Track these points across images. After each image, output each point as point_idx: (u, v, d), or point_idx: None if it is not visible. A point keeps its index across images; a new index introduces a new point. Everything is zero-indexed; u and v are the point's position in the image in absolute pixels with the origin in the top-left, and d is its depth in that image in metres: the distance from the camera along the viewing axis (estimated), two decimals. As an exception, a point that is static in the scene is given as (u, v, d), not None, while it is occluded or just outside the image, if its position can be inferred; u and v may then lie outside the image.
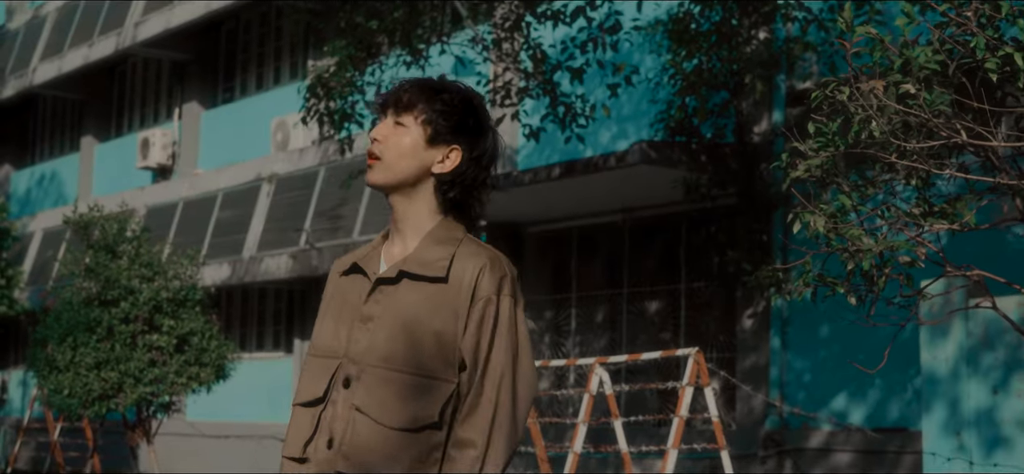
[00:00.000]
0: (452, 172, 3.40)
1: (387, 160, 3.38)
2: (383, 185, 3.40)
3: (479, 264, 3.30)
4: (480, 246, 3.38)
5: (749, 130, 16.35)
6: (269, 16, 25.56)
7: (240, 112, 25.79)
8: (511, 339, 3.28)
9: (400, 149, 3.37)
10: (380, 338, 3.32)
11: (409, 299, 3.32)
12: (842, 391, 15.61)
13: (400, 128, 3.39)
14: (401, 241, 3.43)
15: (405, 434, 3.24)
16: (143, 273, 16.66)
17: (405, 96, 3.41)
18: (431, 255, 3.33)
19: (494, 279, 3.29)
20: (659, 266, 18.17)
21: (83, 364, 16.00)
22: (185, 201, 25.52)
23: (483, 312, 3.27)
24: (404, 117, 3.39)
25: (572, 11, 14.24)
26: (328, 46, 14.22)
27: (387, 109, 3.43)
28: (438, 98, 3.40)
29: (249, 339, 24.57)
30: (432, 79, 3.51)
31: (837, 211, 4.89)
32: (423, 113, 3.38)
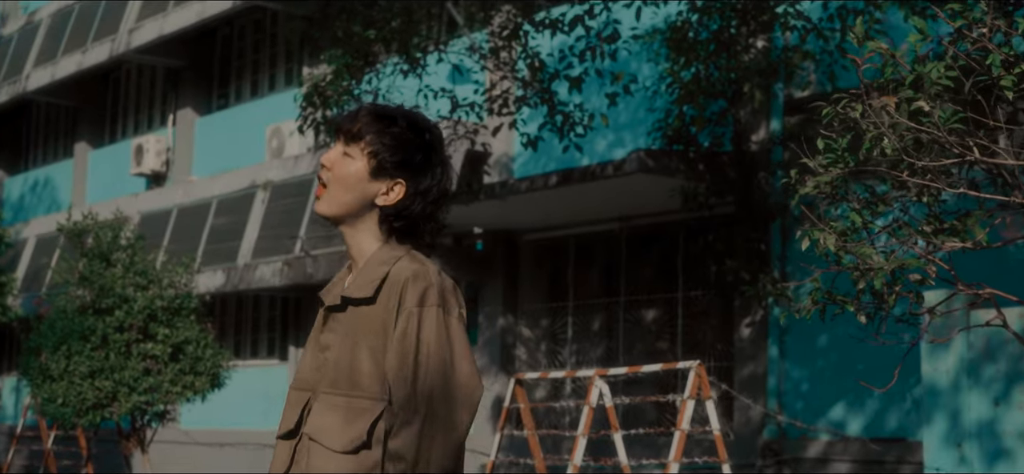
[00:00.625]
0: (396, 205, 3.38)
1: (333, 191, 3.38)
2: (327, 215, 3.40)
3: (403, 278, 3.27)
4: (413, 261, 3.33)
5: (747, 139, 16.30)
6: (264, 22, 25.47)
7: (235, 119, 25.70)
8: (439, 348, 3.23)
9: (345, 180, 3.37)
10: (330, 365, 3.34)
11: (351, 324, 3.33)
12: (840, 401, 15.55)
13: (347, 158, 3.38)
14: (355, 268, 3.43)
15: (347, 457, 3.24)
16: (138, 281, 16.57)
17: (355, 126, 3.39)
18: (367, 277, 3.33)
19: (416, 291, 3.25)
20: (656, 275, 18.11)
21: (77, 373, 15.91)
22: (179, 208, 25.42)
23: (405, 326, 3.24)
24: (351, 147, 3.38)
25: (570, 19, 14.17)
26: (325, 55, 14.13)
27: (339, 135, 3.41)
28: (388, 131, 3.37)
29: (244, 346, 24.47)
30: (388, 107, 3.47)
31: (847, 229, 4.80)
32: (370, 145, 3.36)
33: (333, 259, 20.80)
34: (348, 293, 3.34)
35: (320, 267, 21.05)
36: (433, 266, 3.36)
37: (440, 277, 3.34)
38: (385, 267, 3.32)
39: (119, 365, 16.02)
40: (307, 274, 21.30)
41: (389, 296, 3.28)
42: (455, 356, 3.28)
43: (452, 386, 3.25)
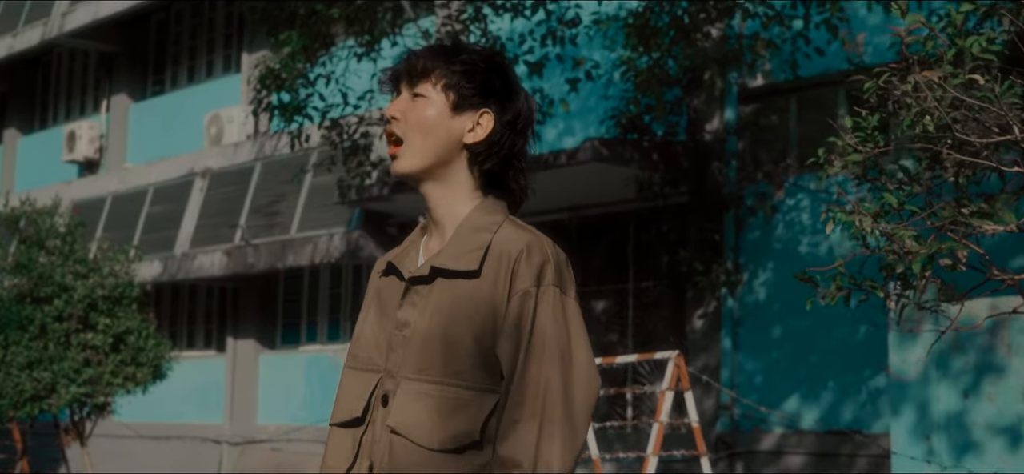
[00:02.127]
0: (486, 140, 2.97)
1: (412, 141, 2.95)
2: (411, 171, 2.97)
3: (515, 251, 2.86)
4: (520, 229, 2.93)
5: (701, 128, 16.14)
6: (201, 7, 24.98)
7: (171, 105, 25.19)
8: (558, 335, 2.82)
9: (424, 124, 2.94)
10: (415, 346, 2.90)
11: (444, 299, 2.89)
12: (795, 392, 15.43)
13: (420, 100, 2.97)
14: (439, 232, 3.01)
15: (446, 456, 2.83)
16: (77, 269, 16.12)
17: (420, 63, 2.98)
18: (465, 245, 2.91)
19: (532, 267, 2.85)
20: (606, 265, 17.90)
21: (14, 363, 15.45)
22: (114, 196, 24.88)
23: (521, 308, 2.83)
24: (422, 86, 2.97)
25: (532, 2, 13.91)
26: (283, 35, 13.75)
27: (399, 82, 3.01)
28: (457, 59, 2.99)
29: (180, 337, 24.00)
30: (444, 43, 3.11)
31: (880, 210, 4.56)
32: (442, 77, 2.96)
33: (275, 248, 20.40)
34: (441, 263, 2.92)
35: (261, 256, 20.64)
36: (544, 236, 2.98)
37: (555, 250, 2.96)
38: (486, 234, 2.92)
39: (58, 356, 15.58)
40: (248, 264, 20.89)
41: (498, 270, 2.87)
42: (573, 345, 2.89)
43: (571, 380, 2.85)
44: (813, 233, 15.44)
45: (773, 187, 15.75)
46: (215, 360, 23.07)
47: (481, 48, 3.06)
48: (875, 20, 14.81)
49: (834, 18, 13.09)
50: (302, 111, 14.34)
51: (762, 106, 16.28)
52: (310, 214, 20.26)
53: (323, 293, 21.54)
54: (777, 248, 15.76)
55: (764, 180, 15.79)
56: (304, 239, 20.04)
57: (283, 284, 22.31)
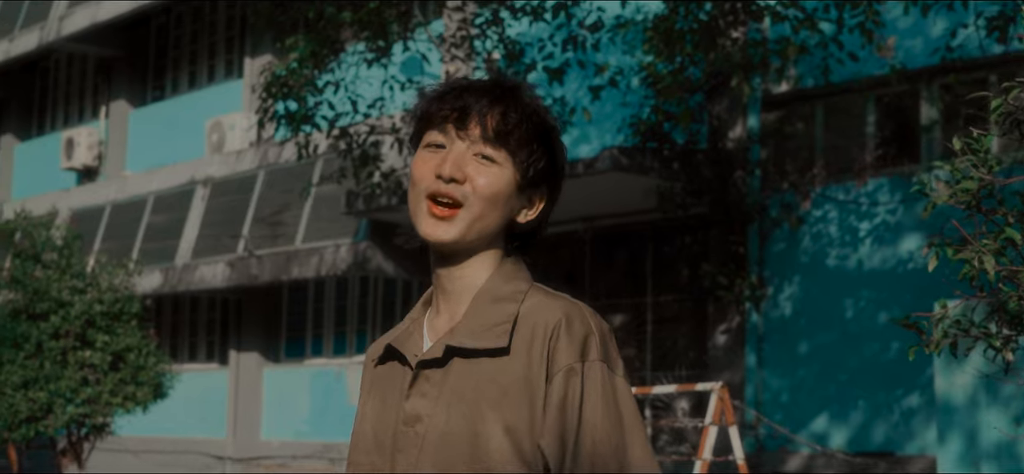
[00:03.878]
0: (535, 221, 2.51)
1: (473, 211, 2.40)
2: (457, 241, 2.42)
3: (552, 322, 2.38)
4: (552, 297, 2.44)
5: (723, 136, 15.54)
6: (203, 11, 24.36)
7: (172, 111, 24.57)
8: (610, 431, 2.34)
9: (495, 197, 2.41)
10: (431, 445, 2.38)
11: (464, 386, 2.39)
12: (823, 412, 14.82)
13: (490, 167, 2.41)
14: (449, 306, 2.48)
15: None
16: (74, 284, 15.46)
17: (500, 120, 2.41)
18: (487, 318, 2.41)
19: (574, 340, 2.37)
20: (624, 278, 17.28)
21: (9, 383, 14.79)
22: (113, 205, 24.26)
23: (565, 390, 2.34)
24: (494, 149, 2.42)
25: (553, 6, 13.27)
26: (291, 40, 13.11)
27: (464, 125, 2.41)
28: (535, 128, 2.45)
29: (181, 350, 23.39)
30: (517, 87, 2.49)
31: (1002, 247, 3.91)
32: (522, 149, 2.43)
33: (279, 259, 19.78)
34: (458, 340, 2.39)
35: (265, 268, 20.02)
36: (583, 304, 2.46)
37: (598, 320, 2.45)
38: (510, 304, 2.41)
39: (55, 374, 14.93)
40: (251, 275, 20.27)
41: (531, 345, 2.37)
42: (628, 440, 2.36)
43: (628, 470, 2.35)
44: (842, 245, 14.83)
45: (799, 197, 15.15)
46: (217, 374, 22.46)
47: (544, 108, 2.52)
48: (906, 23, 14.21)
49: (869, 22, 12.48)
50: (310, 120, 13.71)
51: (787, 113, 15.68)
52: (315, 224, 19.64)
53: (329, 305, 20.93)
54: (804, 261, 15.16)
55: (789, 190, 15.20)
56: (309, 250, 19.43)
57: (287, 296, 21.72)
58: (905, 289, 14.04)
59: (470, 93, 2.43)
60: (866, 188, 14.70)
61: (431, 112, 2.43)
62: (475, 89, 2.44)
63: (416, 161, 2.43)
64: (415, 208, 2.41)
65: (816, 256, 15.07)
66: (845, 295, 14.73)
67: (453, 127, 2.41)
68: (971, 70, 13.65)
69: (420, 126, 2.46)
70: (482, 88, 2.44)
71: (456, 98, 2.42)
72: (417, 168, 2.42)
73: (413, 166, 2.43)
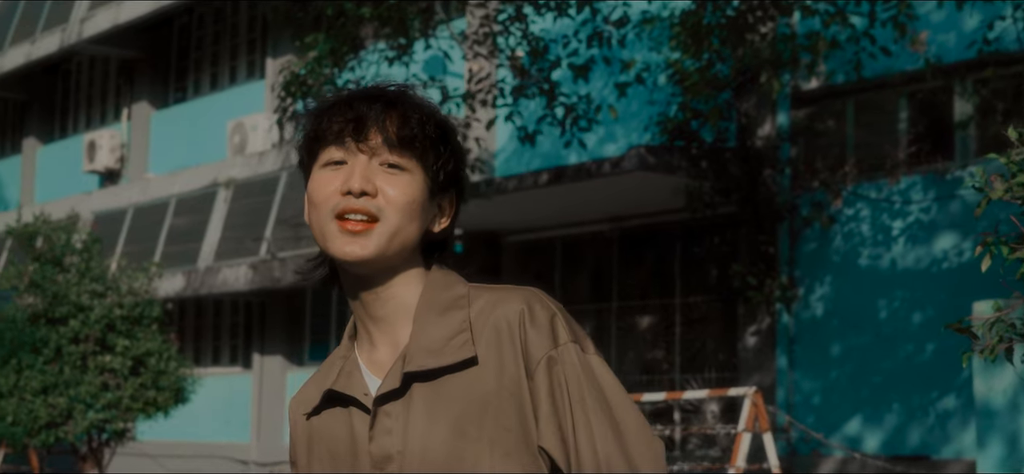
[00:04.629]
0: (448, 228, 2.29)
1: (390, 224, 2.16)
2: (378, 258, 2.17)
3: (513, 315, 2.17)
4: (499, 290, 2.23)
5: (752, 134, 15.23)
6: (224, 11, 24.16)
7: (194, 113, 24.39)
8: (598, 400, 2.14)
9: (411, 208, 2.19)
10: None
11: (435, 409, 2.16)
12: (856, 415, 14.51)
13: (401, 175, 2.18)
14: (385, 333, 2.23)
15: None
16: (94, 288, 15.27)
17: (404, 122, 2.19)
18: (439, 333, 2.18)
19: (542, 328, 2.16)
20: (651, 279, 16.99)
21: (28, 388, 14.62)
22: (135, 208, 24.08)
23: (550, 381, 2.14)
24: (402, 157, 2.19)
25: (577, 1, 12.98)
26: (310, 38, 12.84)
27: (363, 136, 2.17)
28: (442, 129, 2.25)
29: (205, 354, 23.20)
30: (406, 89, 2.27)
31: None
32: (429, 153, 2.22)
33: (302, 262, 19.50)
34: (417, 364, 2.15)
35: (288, 270, 19.80)
36: (533, 288, 2.24)
37: (552, 300, 2.23)
38: (459, 312, 2.19)
39: (74, 380, 14.75)
40: (274, 278, 20.05)
41: (499, 348, 2.15)
42: (619, 413, 2.15)
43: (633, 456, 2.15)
44: (874, 245, 14.52)
45: (830, 196, 14.83)
46: (241, 377, 22.26)
47: (437, 108, 2.29)
48: (940, 17, 13.88)
49: (902, 15, 12.16)
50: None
51: (817, 110, 15.37)
52: (338, 226, 19.39)
53: (352, 308, 20.69)
54: (835, 260, 14.85)
55: (820, 188, 14.88)
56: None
57: (311, 299, 21.50)
58: (940, 289, 13.72)
59: (360, 101, 2.20)
60: (899, 186, 14.38)
61: (322, 128, 2.19)
62: (364, 97, 2.21)
63: (314, 183, 2.19)
64: (323, 231, 2.17)
65: (848, 256, 14.76)
66: (878, 295, 14.42)
67: (351, 140, 2.17)
68: (1008, 64, 13.31)
69: (312, 146, 2.22)
70: (372, 95, 2.22)
71: (347, 108, 2.19)
72: (318, 189, 2.18)
73: (312, 189, 2.19)
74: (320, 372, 2.31)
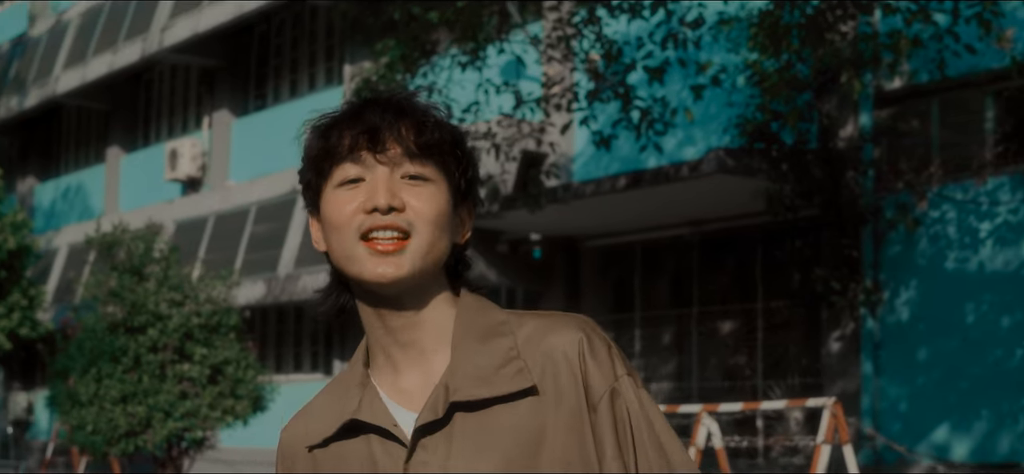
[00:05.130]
0: (470, 239, 2.10)
1: (424, 238, 1.98)
2: (412, 277, 1.98)
3: (571, 346, 1.99)
4: (547, 317, 2.03)
5: (834, 135, 14.94)
6: (303, 18, 24.22)
7: (273, 120, 24.46)
8: (652, 434, 2.02)
9: (440, 220, 2.00)
10: None
11: (484, 442, 1.97)
12: (944, 422, 14.17)
13: (425, 186, 2.00)
14: (415, 362, 2.04)
15: None
16: (172, 297, 15.29)
17: (421, 129, 2.01)
18: (485, 360, 1.99)
19: (602, 360, 2.00)
20: (733, 284, 16.75)
21: (108, 397, 14.66)
22: (216, 215, 24.21)
23: (613, 415, 1.99)
24: (424, 166, 2.00)
25: (652, 1, 12.78)
26: (380, 44, 12.75)
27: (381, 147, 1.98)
28: (457, 136, 2.06)
29: (285, 361, 23.25)
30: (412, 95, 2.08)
31: None
32: (450, 159, 2.03)
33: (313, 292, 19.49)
34: (467, 394, 1.96)
35: (366, 277, 19.76)
36: (582, 315, 2.06)
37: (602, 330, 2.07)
38: (504, 339, 2.00)
39: (153, 389, 14.76)
40: (353, 285, 20.02)
41: (557, 378, 1.98)
42: (669, 449, 2.02)
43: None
44: (961, 247, 14.18)
45: (915, 197, 14.51)
46: (321, 384, 22.17)
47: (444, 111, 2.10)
48: (1027, 13, 13.53)
49: (987, 12, 11.83)
50: (402, 125, 13.37)
51: (901, 110, 15.05)
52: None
53: (431, 314, 20.65)
54: (921, 264, 14.52)
55: (905, 190, 14.57)
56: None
57: (389, 304, 21.48)
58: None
59: (370, 111, 2.01)
60: (986, 187, 14.04)
61: (332, 144, 2.01)
62: (374, 106, 2.03)
63: (331, 205, 2.00)
64: (349, 255, 1.97)
65: (934, 259, 14.43)
66: (966, 299, 14.08)
67: (368, 153, 1.98)
68: (1099, 60, 12.92)
69: (322, 165, 2.03)
70: (380, 104, 2.03)
71: (357, 120, 2.01)
72: (337, 210, 1.99)
73: (329, 211, 2.00)
74: (325, 401, 2.10)
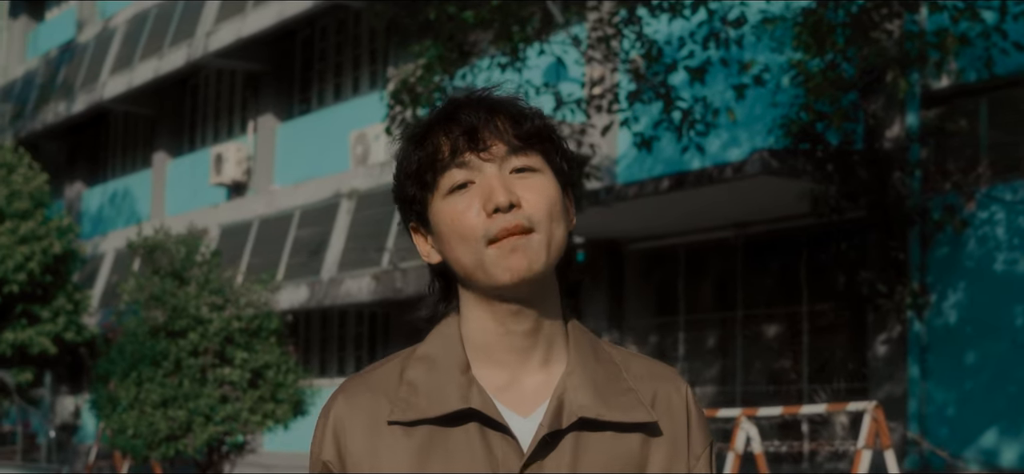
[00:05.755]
0: (571, 233, 1.96)
1: (545, 229, 1.87)
2: (540, 273, 1.86)
3: (678, 396, 1.96)
4: (646, 359, 1.99)
5: (880, 135, 14.73)
6: (347, 23, 24.22)
7: (317, 124, 24.48)
8: None
9: (555, 210, 1.89)
10: None
11: (593, 462, 1.88)
12: (992, 426, 13.93)
13: (535, 177, 1.89)
14: (527, 369, 1.92)
15: None
16: (213, 301, 15.27)
17: (519, 120, 1.90)
18: (607, 383, 1.92)
19: (703, 420, 1.99)
20: (777, 286, 16.55)
21: (148, 401, 14.66)
22: (261, 219, 24.24)
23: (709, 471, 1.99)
24: (530, 158, 1.89)
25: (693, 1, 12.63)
26: (417, 46, 12.67)
27: (483, 145, 1.88)
28: (551, 123, 1.95)
29: (329, 365, 23.23)
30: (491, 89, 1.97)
31: None
32: (552, 146, 1.93)
33: (423, 273, 19.41)
34: (597, 412, 1.87)
35: (410, 281, 19.70)
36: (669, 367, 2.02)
37: None
38: (611, 366, 1.93)
39: (193, 393, 14.75)
40: (396, 289, 19.97)
41: (672, 421, 1.94)
42: None
43: None
44: (1010, 249, 13.94)
45: (963, 199, 14.28)
46: (366, 388, 22.22)
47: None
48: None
49: (1035, 9, 11.62)
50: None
51: (948, 109, 14.82)
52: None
53: (474, 318, 20.56)
54: (969, 266, 14.28)
55: (952, 191, 14.34)
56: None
57: (433, 309, 21.40)
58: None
59: (462, 112, 1.90)
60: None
61: (431, 153, 1.89)
62: (464, 106, 1.91)
63: (447, 215, 1.88)
64: (479, 261, 1.86)
65: (982, 261, 14.19)
66: (1015, 301, 13.84)
67: (472, 154, 1.88)
68: None
69: (425, 177, 1.91)
70: (471, 102, 1.92)
71: (452, 124, 1.90)
72: (457, 220, 1.87)
73: (446, 222, 1.88)
74: (393, 380, 1.94)
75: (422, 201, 1.91)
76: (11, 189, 23.47)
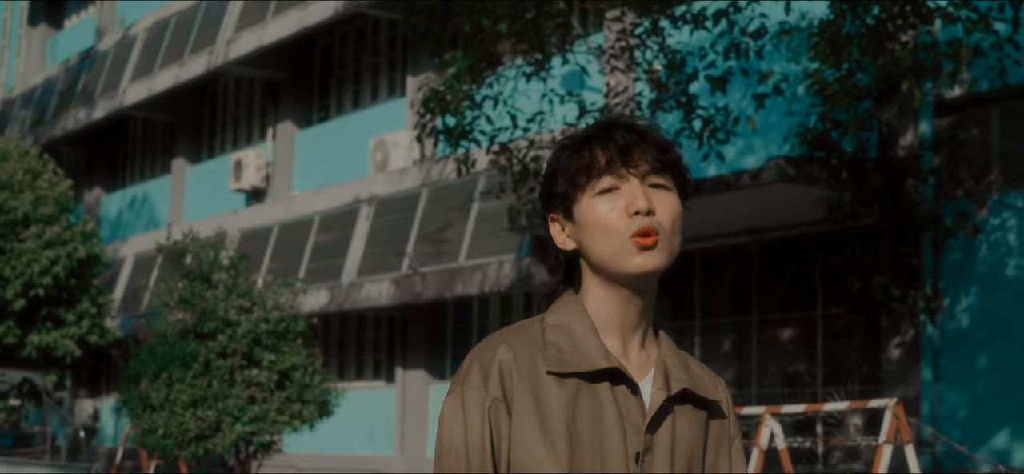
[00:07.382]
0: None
1: (668, 237, 2.37)
2: (661, 270, 2.37)
3: (725, 388, 2.52)
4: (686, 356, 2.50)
5: (894, 143, 15.04)
6: (365, 30, 24.55)
7: (337, 131, 24.81)
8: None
9: (675, 221, 2.39)
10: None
11: (685, 436, 2.39)
12: (1004, 428, 14.22)
13: (666, 193, 2.38)
14: (635, 344, 2.39)
15: None
16: (241, 304, 15.60)
17: (661, 147, 2.39)
18: (687, 365, 2.43)
19: (733, 408, 2.53)
20: (793, 292, 16.84)
21: (178, 402, 14.98)
22: (280, 225, 24.56)
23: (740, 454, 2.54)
24: (665, 177, 2.39)
25: (714, 13, 12.95)
26: (448, 55, 12.99)
27: (633, 162, 2.35)
28: (681, 154, 2.46)
29: (349, 368, 23.55)
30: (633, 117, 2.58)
31: None
32: (681, 170, 2.43)
33: (443, 277, 19.76)
34: (693, 386, 2.39)
35: (429, 285, 20.02)
36: None
37: None
38: (682, 352, 2.45)
39: (222, 393, 15.07)
40: (416, 293, 20.29)
41: (726, 404, 2.50)
42: None
43: None
44: (1021, 255, 14.24)
45: (975, 205, 14.58)
46: (384, 391, 22.53)
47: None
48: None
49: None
50: (468, 135, 13.61)
51: (960, 118, 15.12)
52: (478, 241, 19.58)
53: (493, 322, 20.86)
54: (981, 271, 14.59)
55: (965, 198, 14.65)
56: (473, 267, 19.38)
57: (452, 313, 21.70)
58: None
59: (618, 133, 2.39)
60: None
61: (588, 161, 2.38)
62: (619, 128, 2.41)
63: (597, 211, 2.34)
64: (621, 250, 2.33)
65: (994, 266, 14.49)
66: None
67: (622, 167, 2.35)
68: None
69: (579, 178, 2.39)
70: (624, 126, 2.42)
71: (609, 141, 2.39)
72: (607, 216, 2.34)
73: (594, 216, 2.34)
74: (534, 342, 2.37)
75: (572, 197, 2.35)
76: (37, 195, 23.83)
